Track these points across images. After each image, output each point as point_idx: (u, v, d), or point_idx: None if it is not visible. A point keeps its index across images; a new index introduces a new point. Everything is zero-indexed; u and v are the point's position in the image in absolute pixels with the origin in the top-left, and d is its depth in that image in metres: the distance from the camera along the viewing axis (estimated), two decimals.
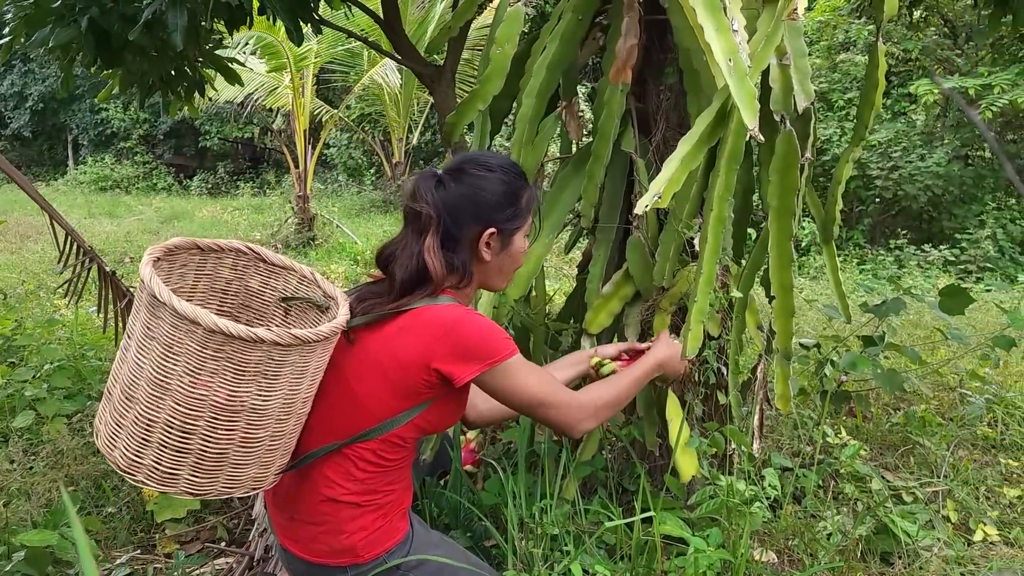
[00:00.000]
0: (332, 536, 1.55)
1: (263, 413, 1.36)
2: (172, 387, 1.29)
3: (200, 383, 1.29)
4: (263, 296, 1.60)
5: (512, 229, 1.62)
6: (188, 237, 1.51)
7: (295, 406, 1.42)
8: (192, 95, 3.74)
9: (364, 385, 1.52)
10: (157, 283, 1.27)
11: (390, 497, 1.59)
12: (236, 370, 1.29)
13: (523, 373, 1.55)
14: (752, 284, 2.22)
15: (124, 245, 8.62)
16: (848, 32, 10.18)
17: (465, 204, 1.57)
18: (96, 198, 14.93)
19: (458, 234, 1.57)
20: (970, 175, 9.25)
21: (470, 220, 1.57)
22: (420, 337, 1.49)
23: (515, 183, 1.62)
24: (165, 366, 1.28)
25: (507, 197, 1.60)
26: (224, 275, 1.56)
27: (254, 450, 1.38)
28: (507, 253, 1.64)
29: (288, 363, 1.34)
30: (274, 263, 1.57)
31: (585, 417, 1.62)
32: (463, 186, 1.58)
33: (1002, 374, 3.76)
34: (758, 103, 1.56)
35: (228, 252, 1.54)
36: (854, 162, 2.38)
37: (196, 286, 1.54)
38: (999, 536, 2.31)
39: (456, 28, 2.22)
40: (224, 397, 1.30)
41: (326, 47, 10.27)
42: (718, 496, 1.96)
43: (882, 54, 2.19)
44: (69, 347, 3.50)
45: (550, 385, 1.59)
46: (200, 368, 1.28)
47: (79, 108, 18.15)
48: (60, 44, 2.94)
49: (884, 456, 2.88)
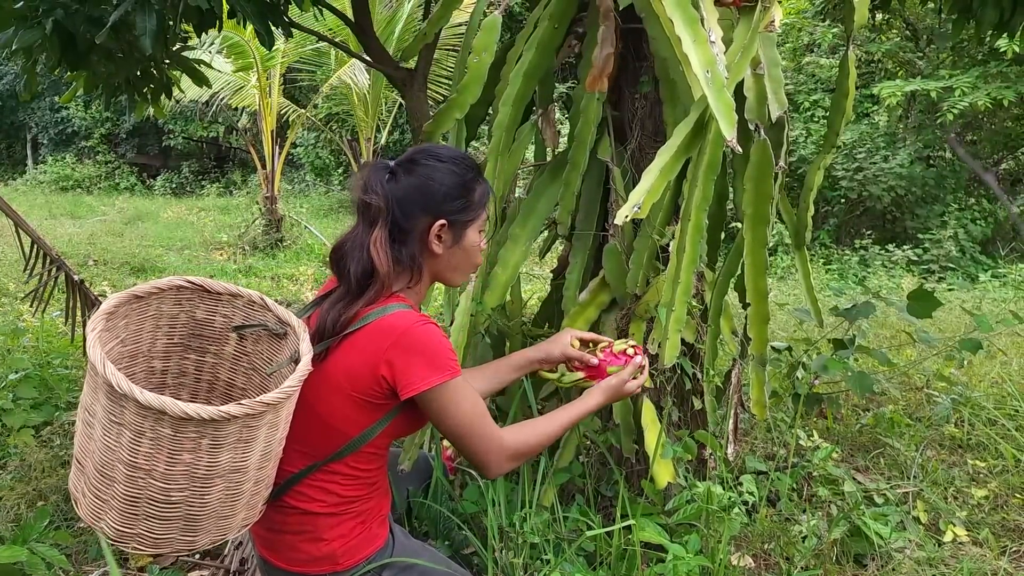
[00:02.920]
0: (312, 544, 1.54)
1: (245, 469, 1.34)
2: (151, 468, 1.26)
3: (179, 461, 1.27)
4: (213, 324, 1.55)
5: (464, 222, 1.58)
6: (123, 292, 1.44)
7: (273, 450, 1.41)
8: (159, 97, 3.68)
9: (327, 405, 1.51)
10: (113, 373, 1.22)
11: (368, 504, 1.59)
12: (213, 443, 1.27)
13: (460, 396, 1.51)
14: (727, 290, 2.24)
15: (88, 248, 8.46)
16: (813, 35, 10.31)
17: (415, 195, 1.54)
18: (57, 198, 14.64)
19: (407, 226, 1.54)
20: (932, 176, 9.43)
21: (419, 212, 1.54)
22: (368, 348, 1.48)
23: (467, 175, 1.59)
24: (139, 451, 1.25)
25: (458, 189, 1.56)
26: (169, 312, 1.51)
27: (240, 499, 1.37)
28: (460, 247, 1.59)
29: (263, 423, 1.32)
30: (219, 291, 1.53)
31: (505, 459, 1.56)
32: (414, 177, 1.55)
33: (968, 374, 3.84)
34: (736, 115, 1.57)
35: (169, 290, 1.49)
36: (825, 168, 2.41)
37: (141, 333, 1.50)
38: (968, 536, 2.35)
39: (431, 35, 2.22)
40: (204, 467, 1.29)
41: (294, 47, 10.16)
42: (695, 501, 1.98)
43: (852, 63, 2.22)
44: (35, 355, 3.43)
45: (482, 417, 1.53)
46: (178, 449, 1.26)
47: (38, 106, 17.78)
48: (24, 46, 2.88)
49: (855, 457, 2.93)
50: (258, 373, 1.56)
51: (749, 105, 1.97)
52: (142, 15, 2.61)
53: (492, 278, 2.14)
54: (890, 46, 9.75)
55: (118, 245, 8.83)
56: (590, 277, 2.24)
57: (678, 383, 2.27)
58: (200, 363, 1.58)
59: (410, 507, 2.03)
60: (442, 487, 2.07)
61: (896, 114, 9.76)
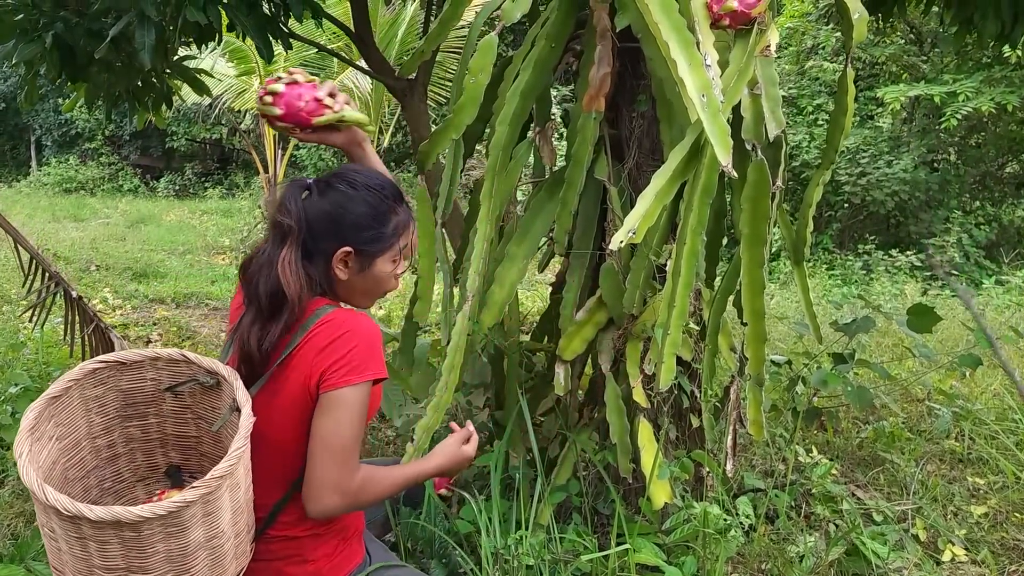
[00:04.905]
0: (296, 566, 1.56)
1: (217, 534, 1.34)
2: (128, 566, 1.26)
3: (154, 552, 1.26)
4: (143, 391, 1.54)
5: (372, 252, 1.56)
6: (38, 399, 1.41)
7: (243, 503, 1.40)
8: (160, 106, 3.69)
9: (281, 432, 1.51)
10: (57, 497, 1.20)
11: (346, 520, 1.61)
12: (178, 530, 1.27)
13: (358, 411, 1.46)
14: (724, 308, 2.23)
15: (90, 252, 8.47)
16: (816, 38, 10.29)
17: (324, 220, 1.53)
18: (60, 200, 14.65)
19: (314, 248, 1.53)
20: (936, 180, 9.40)
21: (328, 236, 1.53)
22: (300, 367, 1.47)
23: (381, 205, 1.56)
24: (110, 554, 1.25)
25: (368, 218, 1.55)
26: (93, 395, 1.49)
27: (224, 554, 1.37)
28: (368, 275, 1.57)
29: (223, 491, 1.31)
30: (136, 360, 1.51)
31: (342, 495, 1.46)
32: (326, 201, 1.54)
33: (968, 386, 3.82)
34: (731, 139, 1.56)
35: (84, 378, 1.47)
36: (824, 184, 2.40)
37: (75, 422, 1.48)
38: (967, 556, 2.34)
39: (428, 52, 2.20)
40: (178, 552, 1.28)
41: (296, 50, 10.17)
42: (692, 521, 1.98)
43: (851, 80, 2.21)
44: (34, 366, 3.43)
45: (357, 445, 1.48)
46: (148, 543, 1.25)
47: (42, 108, 17.79)
48: (24, 59, 2.88)
49: (854, 473, 2.92)
50: (206, 422, 1.55)
51: (746, 125, 1.96)
52: (141, 29, 2.61)
53: (489, 296, 2.13)
54: (894, 49, 9.73)
55: (120, 250, 8.84)
56: (587, 295, 2.24)
57: (676, 401, 2.27)
58: (145, 426, 1.57)
59: (394, 525, 2.03)
60: (435, 507, 2.07)
61: (900, 118, 9.74)
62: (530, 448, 2.20)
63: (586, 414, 2.41)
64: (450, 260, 2.36)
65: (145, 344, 4.89)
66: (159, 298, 6.57)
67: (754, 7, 1.69)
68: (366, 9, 3.76)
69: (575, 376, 2.35)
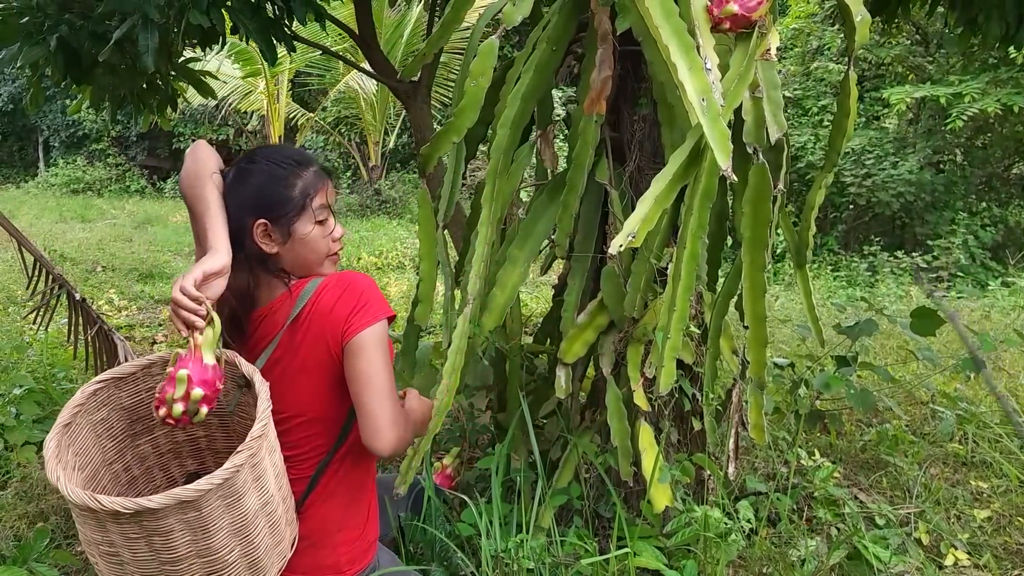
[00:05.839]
0: (319, 551, 1.59)
1: (269, 499, 1.36)
2: (195, 553, 1.28)
3: (214, 533, 1.28)
4: (145, 403, 1.56)
5: (286, 218, 1.58)
6: (54, 426, 1.41)
7: (280, 467, 1.43)
8: (164, 108, 3.70)
9: (310, 406, 1.55)
10: (110, 500, 1.21)
11: (365, 498, 1.68)
12: (236, 499, 1.28)
13: (383, 348, 1.54)
14: (726, 311, 2.23)
15: (97, 253, 8.50)
16: (822, 39, 10.27)
17: (234, 199, 1.56)
18: (68, 201, 14.71)
19: (239, 229, 1.55)
20: (941, 182, 9.37)
21: (243, 214, 1.56)
22: (313, 329, 1.52)
23: (280, 172, 1.59)
24: (174, 548, 1.27)
25: (271, 187, 1.58)
26: (100, 417, 1.50)
27: (279, 519, 1.39)
28: (295, 242, 1.59)
29: (263, 453, 1.33)
30: (131, 373, 1.52)
31: (400, 425, 1.54)
32: (235, 182, 1.59)
33: (972, 389, 3.81)
34: (731, 144, 1.56)
35: (87, 401, 1.47)
36: (826, 188, 2.40)
37: (89, 450, 1.49)
38: (969, 560, 2.33)
39: (431, 55, 2.21)
40: (240, 522, 1.30)
41: (302, 52, 10.20)
42: (693, 525, 1.98)
43: (853, 82, 2.21)
44: (39, 368, 3.44)
45: (393, 379, 1.56)
46: (208, 526, 1.27)
47: (50, 109, 17.86)
48: (29, 62, 2.90)
49: (857, 476, 2.91)
50: (213, 416, 1.56)
51: (747, 128, 1.96)
52: (144, 32, 2.62)
53: (490, 300, 2.13)
54: (900, 50, 9.70)
55: (127, 251, 8.86)
56: (589, 298, 2.24)
57: (677, 404, 2.27)
58: (154, 440, 1.60)
59: (402, 532, 2.04)
60: (436, 509, 2.07)
61: (905, 119, 9.71)
62: (531, 451, 2.20)
63: (587, 417, 2.41)
64: (452, 263, 2.37)
65: (150, 345, 4.91)
66: (165, 299, 6.59)
67: (755, 11, 1.69)
68: (370, 11, 3.76)
69: (576, 379, 2.35)
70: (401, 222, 11.87)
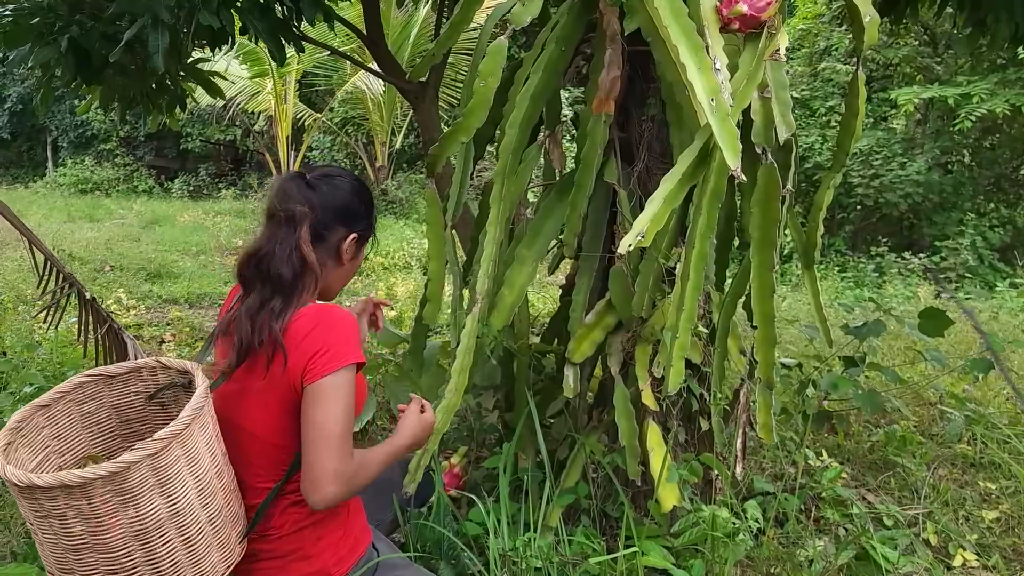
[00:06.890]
0: (301, 562, 1.56)
1: (182, 510, 1.33)
2: (91, 545, 1.27)
3: (109, 528, 1.26)
4: (133, 405, 1.57)
5: (365, 238, 1.69)
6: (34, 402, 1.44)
7: (211, 484, 1.39)
8: (173, 108, 3.72)
9: (262, 424, 1.52)
10: (12, 471, 1.23)
11: (345, 505, 1.62)
12: (130, 497, 1.26)
13: (345, 397, 1.46)
14: (734, 311, 2.23)
15: (105, 252, 8.52)
16: (829, 40, 10.25)
17: (334, 206, 1.61)
18: (76, 201, 14.76)
19: (325, 234, 1.60)
20: (949, 183, 9.34)
21: (337, 223, 1.62)
22: (292, 352, 1.48)
23: (367, 196, 1.70)
24: (72, 535, 1.27)
25: (364, 207, 1.67)
26: (88, 409, 1.52)
27: (201, 539, 1.37)
28: (355, 261, 1.69)
29: (171, 460, 1.30)
30: (119, 372, 1.54)
31: (343, 481, 1.43)
32: (331, 189, 1.62)
33: (980, 390, 3.80)
34: (740, 143, 1.57)
35: (71, 392, 1.49)
36: (835, 188, 2.40)
37: (70, 434, 1.51)
38: (978, 561, 2.33)
39: (439, 56, 2.22)
40: (139, 525, 1.28)
41: (309, 53, 10.23)
42: (701, 524, 1.98)
43: (862, 82, 2.21)
44: (49, 366, 3.45)
45: (350, 431, 1.47)
46: (101, 519, 1.26)
47: (58, 109, 17.94)
48: (40, 63, 2.92)
49: (865, 476, 2.91)
50: None
51: (756, 129, 1.96)
52: (155, 33, 2.63)
53: (499, 299, 2.14)
54: (908, 51, 9.68)
55: (135, 250, 8.89)
56: (597, 298, 2.24)
57: (685, 404, 2.27)
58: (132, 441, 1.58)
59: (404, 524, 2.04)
60: (445, 507, 2.07)
61: (913, 120, 9.69)
62: (539, 450, 2.21)
63: (595, 416, 2.42)
64: (460, 262, 2.38)
65: (159, 344, 4.93)
66: (172, 298, 6.61)
67: (764, 11, 1.69)
68: (378, 12, 3.77)
69: (584, 379, 2.36)
70: (408, 222, 11.87)
